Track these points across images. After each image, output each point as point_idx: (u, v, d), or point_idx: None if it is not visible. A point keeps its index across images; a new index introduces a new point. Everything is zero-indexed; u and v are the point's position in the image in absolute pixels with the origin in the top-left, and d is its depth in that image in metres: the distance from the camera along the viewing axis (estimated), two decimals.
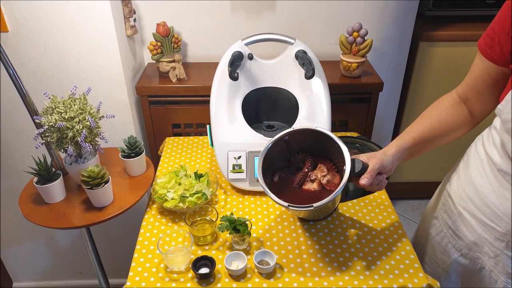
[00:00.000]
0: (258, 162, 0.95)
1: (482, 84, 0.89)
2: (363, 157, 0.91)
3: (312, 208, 0.85)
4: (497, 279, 0.92)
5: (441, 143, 0.97)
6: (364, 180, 0.87)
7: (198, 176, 1.19)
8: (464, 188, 0.96)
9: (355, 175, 0.88)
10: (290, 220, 1.12)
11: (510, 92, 0.77)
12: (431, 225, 1.09)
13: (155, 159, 1.62)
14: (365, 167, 0.88)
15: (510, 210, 0.83)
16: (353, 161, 0.88)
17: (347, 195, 1.03)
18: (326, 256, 1.01)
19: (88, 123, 1.10)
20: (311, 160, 0.99)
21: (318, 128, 0.94)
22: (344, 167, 0.88)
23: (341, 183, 0.87)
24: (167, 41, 1.51)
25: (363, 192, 1.02)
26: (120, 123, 1.52)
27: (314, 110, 1.22)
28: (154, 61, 1.55)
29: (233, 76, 1.16)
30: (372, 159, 0.89)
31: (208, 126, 1.26)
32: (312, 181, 0.97)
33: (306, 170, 0.98)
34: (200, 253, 1.02)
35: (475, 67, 0.90)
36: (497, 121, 0.87)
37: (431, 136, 0.95)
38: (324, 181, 0.96)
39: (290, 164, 1.02)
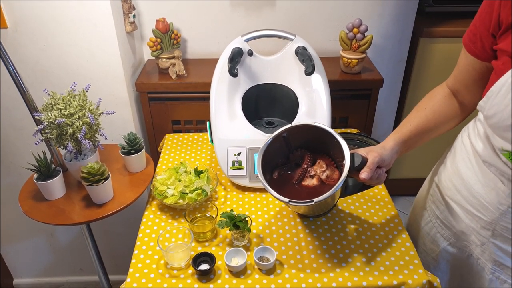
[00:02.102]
0: (257, 159, 0.94)
1: (469, 77, 0.91)
2: (362, 151, 0.91)
3: (312, 203, 0.85)
4: (484, 266, 0.94)
5: (437, 134, 0.99)
6: (364, 174, 0.88)
7: (198, 173, 1.19)
8: (451, 179, 0.99)
9: (355, 169, 0.88)
10: (290, 217, 1.12)
11: (491, 88, 0.78)
12: (420, 215, 1.12)
13: (155, 155, 1.62)
14: (364, 161, 0.88)
15: (495, 199, 0.86)
16: (352, 156, 0.88)
17: (346, 190, 1.03)
18: (326, 253, 1.01)
19: (87, 119, 1.09)
20: (310, 156, 0.99)
21: (316, 124, 0.94)
22: (344, 162, 0.88)
23: (341, 177, 0.87)
24: (167, 37, 1.50)
25: (363, 186, 1.02)
26: (120, 119, 1.51)
27: (314, 107, 1.22)
28: (153, 58, 1.54)
29: (233, 73, 1.16)
30: (371, 153, 0.90)
31: (208, 122, 1.26)
32: (312, 176, 0.97)
33: (305, 166, 0.98)
34: (200, 249, 1.02)
35: (461, 61, 0.92)
36: (481, 114, 0.88)
37: (427, 128, 0.96)
38: (323, 176, 0.96)
39: (289, 160, 1.02)
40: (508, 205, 0.84)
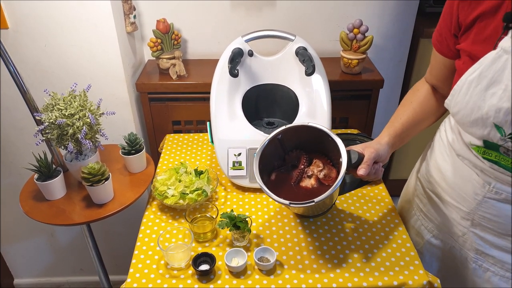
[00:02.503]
0: (254, 163, 0.95)
1: (441, 74, 0.95)
2: (358, 148, 0.92)
3: (313, 203, 0.85)
4: (467, 256, 0.97)
5: (425, 126, 1.02)
6: (361, 171, 0.88)
7: (198, 173, 1.19)
8: (431, 173, 1.03)
9: (352, 166, 0.88)
10: (290, 217, 1.12)
11: (454, 87, 0.81)
12: (406, 210, 1.17)
13: (155, 156, 1.62)
14: (361, 157, 0.89)
15: (471, 190, 0.89)
16: (348, 153, 0.89)
17: (344, 188, 1.03)
18: (326, 253, 1.01)
19: (88, 120, 1.09)
20: (306, 156, 0.99)
21: (310, 124, 0.94)
22: (340, 159, 0.88)
23: (339, 175, 0.87)
24: (167, 38, 1.51)
25: (360, 182, 1.02)
26: (120, 120, 1.52)
27: (315, 107, 1.22)
28: (154, 58, 1.55)
29: (233, 73, 1.16)
30: (368, 149, 0.91)
31: (208, 123, 1.26)
32: (309, 177, 0.97)
33: (302, 166, 0.98)
34: (200, 250, 1.02)
35: (433, 59, 0.96)
36: None
37: (416, 120, 0.99)
38: (321, 176, 0.96)
39: (285, 162, 1.02)
40: (483, 195, 0.87)
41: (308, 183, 0.97)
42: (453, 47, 0.87)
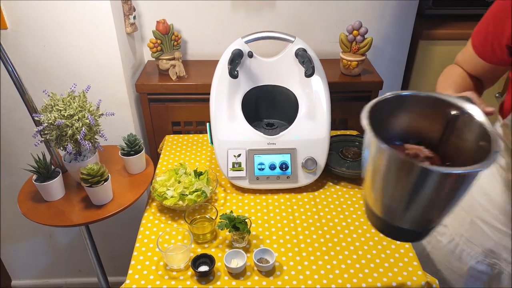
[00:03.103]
0: (371, 136, 0.63)
1: (476, 71, 0.90)
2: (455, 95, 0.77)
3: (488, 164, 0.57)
4: None
5: None
6: (489, 108, 0.69)
7: (198, 174, 1.19)
8: (475, 197, 0.94)
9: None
10: (289, 218, 1.12)
11: None
12: (439, 232, 1.07)
13: (154, 157, 1.62)
14: (472, 100, 0.72)
15: None
16: (463, 99, 0.69)
17: None
18: (326, 254, 1.01)
19: (87, 120, 1.09)
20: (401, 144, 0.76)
21: (401, 93, 0.71)
22: (455, 113, 0.68)
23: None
24: (167, 38, 1.50)
25: None
26: (120, 120, 1.51)
27: (314, 108, 1.22)
28: (154, 59, 1.54)
29: (233, 74, 1.16)
30: (465, 93, 0.74)
31: (208, 124, 1.26)
32: (427, 159, 0.72)
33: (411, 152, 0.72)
34: (199, 251, 1.02)
35: (469, 58, 0.90)
36: (498, 124, 0.85)
37: (461, 89, 0.88)
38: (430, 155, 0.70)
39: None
40: None
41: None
42: (501, 55, 0.80)
